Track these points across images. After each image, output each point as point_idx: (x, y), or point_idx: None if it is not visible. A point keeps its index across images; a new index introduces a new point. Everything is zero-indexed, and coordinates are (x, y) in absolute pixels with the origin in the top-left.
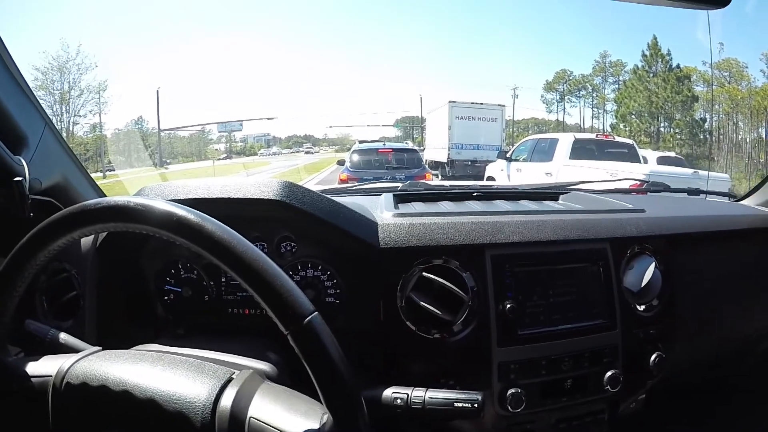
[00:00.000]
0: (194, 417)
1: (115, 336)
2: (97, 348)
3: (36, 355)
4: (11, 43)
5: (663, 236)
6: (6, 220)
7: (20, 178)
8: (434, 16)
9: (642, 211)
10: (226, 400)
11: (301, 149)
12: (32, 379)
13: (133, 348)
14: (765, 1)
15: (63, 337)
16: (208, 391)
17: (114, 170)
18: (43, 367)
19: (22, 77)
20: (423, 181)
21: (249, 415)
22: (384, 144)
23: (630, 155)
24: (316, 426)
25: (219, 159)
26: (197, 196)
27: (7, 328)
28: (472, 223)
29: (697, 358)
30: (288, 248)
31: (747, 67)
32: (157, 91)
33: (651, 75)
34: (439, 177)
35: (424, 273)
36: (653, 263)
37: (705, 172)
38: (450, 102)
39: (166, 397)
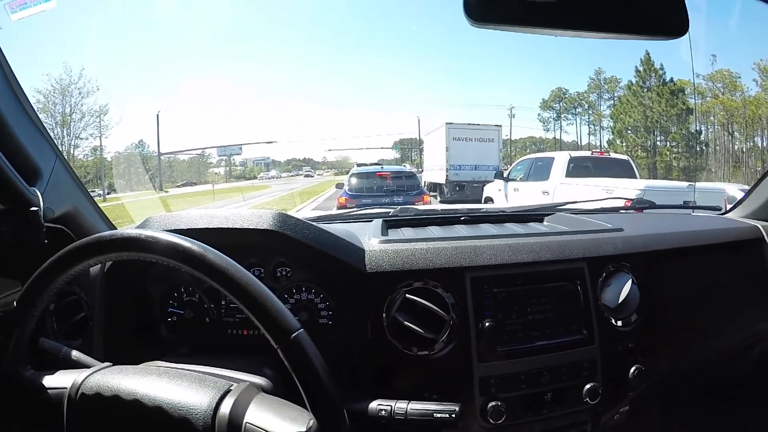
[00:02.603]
0: (197, 422)
1: (121, 355)
2: (107, 363)
3: (50, 370)
4: (15, 66)
5: (639, 254)
6: (22, 247)
7: (36, 208)
8: (430, 39)
9: (620, 230)
10: (225, 408)
11: (300, 172)
12: (48, 391)
13: (141, 364)
14: (748, 12)
15: (75, 354)
16: (209, 399)
17: (116, 192)
18: (59, 381)
19: (35, 112)
20: (413, 206)
21: (245, 420)
22: (382, 167)
23: (625, 171)
24: (303, 429)
25: (177, 186)
26: (199, 227)
27: (27, 346)
28: (453, 247)
29: (681, 369)
30: (283, 273)
31: (740, 77)
32: (157, 115)
33: (645, 90)
34: (438, 199)
35: (407, 295)
36: (630, 280)
37: (699, 185)
38: (447, 123)
39: (172, 405)
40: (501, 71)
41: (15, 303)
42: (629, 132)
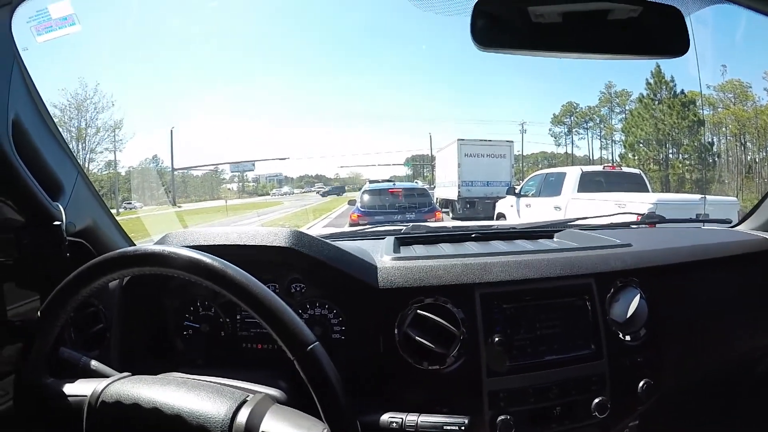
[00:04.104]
0: (214, 430)
1: (137, 366)
2: (126, 373)
3: (70, 379)
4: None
5: (647, 269)
6: (44, 260)
7: (59, 223)
8: (441, 57)
9: (629, 245)
10: (242, 417)
11: (312, 189)
12: (69, 399)
13: (159, 375)
14: (757, 22)
15: (94, 364)
16: (226, 409)
17: (133, 207)
18: (79, 389)
19: (57, 128)
20: (425, 224)
21: (261, 429)
22: (394, 184)
23: (638, 185)
24: None
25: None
26: (217, 243)
27: (48, 354)
28: (463, 264)
29: (690, 382)
30: (298, 289)
31: (751, 87)
32: (171, 131)
33: (656, 102)
34: (450, 215)
35: (419, 311)
36: (638, 295)
37: (712, 197)
38: (459, 140)
39: (191, 413)
40: (512, 87)
41: (39, 312)
42: (641, 145)
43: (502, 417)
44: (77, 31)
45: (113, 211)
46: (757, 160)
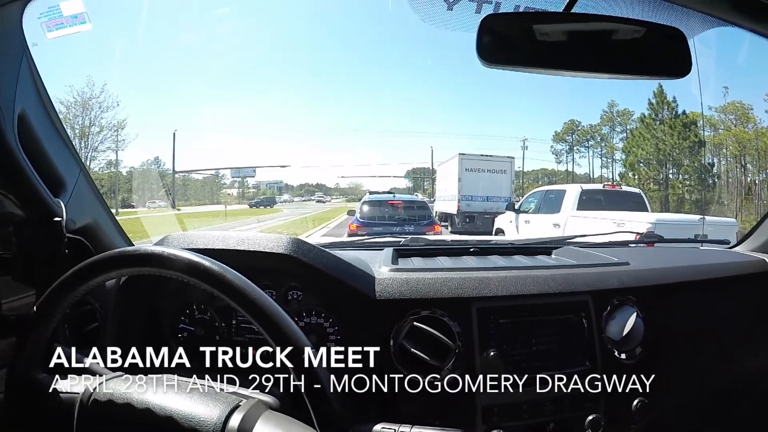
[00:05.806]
0: None
1: (131, 366)
2: (120, 373)
3: (62, 376)
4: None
5: (644, 288)
6: (43, 255)
7: (59, 219)
8: (445, 71)
9: (626, 264)
10: (234, 422)
11: (312, 197)
12: (61, 395)
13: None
14: (759, 45)
15: (87, 362)
16: (218, 413)
17: (158, 205)
18: (71, 386)
19: (62, 125)
20: (424, 236)
21: None
22: (394, 196)
23: (637, 204)
24: None
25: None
26: (217, 247)
27: (43, 350)
28: (460, 278)
29: (685, 402)
30: (294, 296)
31: (752, 109)
32: (174, 134)
33: (658, 123)
34: (449, 229)
35: (415, 323)
36: (635, 313)
37: (711, 218)
38: (460, 154)
39: (183, 416)
40: (515, 103)
41: (35, 307)
42: (641, 165)
43: (495, 431)
44: (87, 29)
45: (113, 210)
46: (756, 181)
